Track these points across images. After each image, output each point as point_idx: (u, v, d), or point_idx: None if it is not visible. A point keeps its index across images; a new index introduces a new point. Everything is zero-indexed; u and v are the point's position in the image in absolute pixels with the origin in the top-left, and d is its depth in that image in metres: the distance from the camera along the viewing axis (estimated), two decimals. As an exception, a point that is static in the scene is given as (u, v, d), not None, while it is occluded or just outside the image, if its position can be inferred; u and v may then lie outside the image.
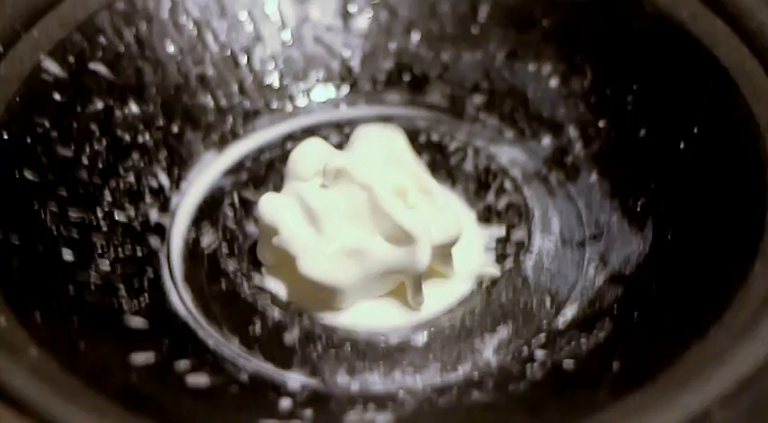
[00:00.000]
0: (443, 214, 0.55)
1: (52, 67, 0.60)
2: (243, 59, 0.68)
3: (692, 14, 0.60)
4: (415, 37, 0.70)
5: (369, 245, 0.54)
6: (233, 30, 0.68)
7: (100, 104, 0.62)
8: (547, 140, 0.66)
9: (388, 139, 0.58)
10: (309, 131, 0.66)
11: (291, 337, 0.54)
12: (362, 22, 0.70)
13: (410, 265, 0.54)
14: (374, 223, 0.55)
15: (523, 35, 0.68)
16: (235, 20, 0.68)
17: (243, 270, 0.58)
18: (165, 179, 0.62)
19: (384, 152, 0.57)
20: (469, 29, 0.69)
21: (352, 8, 0.70)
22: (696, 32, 0.60)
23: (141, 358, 0.50)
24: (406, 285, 0.55)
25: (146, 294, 0.55)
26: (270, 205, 0.56)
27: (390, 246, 0.54)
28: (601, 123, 0.64)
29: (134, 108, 0.63)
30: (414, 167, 0.57)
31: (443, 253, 0.56)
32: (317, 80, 0.70)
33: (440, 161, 0.64)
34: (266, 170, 0.63)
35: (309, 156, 0.57)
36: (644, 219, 0.58)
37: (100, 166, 0.60)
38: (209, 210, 0.62)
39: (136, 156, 0.62)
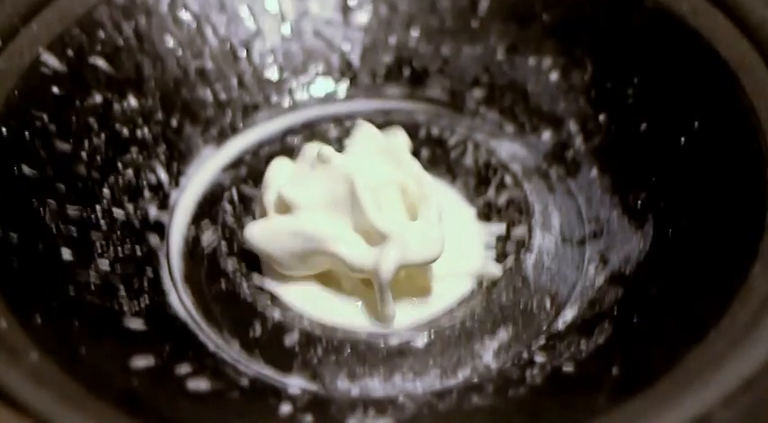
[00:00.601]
0: (430, 231, 0.55)
1: (51, 60, 0.60)
2: (242, 53, 0.68)
3: (693, 8, 0.60)
4: (415, 31, 0.69)
5: (327, 235, 0.55)
6: (232, 23, 0.68)
7: (99, 98, 0.62)
8: (547, 135, 0.66)
9: (390, 138, 0.58)
10: (309, 126, 0.67)
11: (291, 339, 0.54)
12: (362, 15, 0.70)
13: (374, 271, 0.54)
14: (352, 217, 0.55)
15: (523, 29, 0.68)
16: (234, 14, 0.68)
17: (242, 270, 0.58)
18: (163, 175, 0.62)
19: (383, 150, 0.57)
20: (469, 23, 0.69)
21: (352, 2, 0.70)
22: (696, 26, 0.60)
23: (142, 362, 0.50)
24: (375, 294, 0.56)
25: (145, 295, 0.55)
26: (277, 164, 0.59)
27: (358, 244, 0.55)
28: (601, 118, 0.64)
29: (133, 102, 0.63)
30: (411, 170, 0.57)
31: (420, 269, 0.56)
32: (317, 74, 0.69)
33: (440, 155, 0.64)
34: (266, 165, 0.62)
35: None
36: (644, 215, 0.58)
37: (99, 160, 0.60)
38: (208, 206, 0.62)
39: (135, 150, 0.62)
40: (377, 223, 0.54)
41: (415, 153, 0.60)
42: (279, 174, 0.58)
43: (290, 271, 0.57)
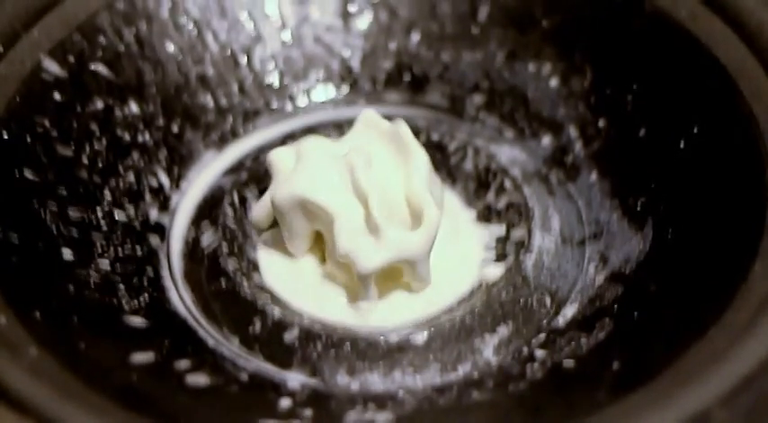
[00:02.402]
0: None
1: (52, 66, 0.60)
2: (243, 59, 0.68)
3: (692, 14, 0.60)
4: (415, 37, 0.70)
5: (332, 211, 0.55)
6: (233, 29, 0.68)
7: (100, 104, 0.62)
8: (547, 140, 0.66)
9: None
10: (309, 131, 0.66)
11: (291, 336, 0.54)
12: (362, 21, 0.70)
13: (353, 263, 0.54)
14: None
15: (523, 35, 0.68)
16: (235, 20, 0.68)
17: (243, 269, 0.58)
18: (164, 178, 0.63)
19: (391, 141, 0.57)
20: (469, 29, 0.69)
21: (352, 8, 0.70)
22: (695, 32, 0.60)
23: (141, 358, 0.50)
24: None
25: (145, 293, 0.55)
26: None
27: (355, 229, 0.55)
28: (601, 123, 0.64)
29: (134, 107, 0.63)
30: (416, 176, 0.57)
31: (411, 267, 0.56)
32: (317, 80, 0.70)
33: (440, 161, 0.64)
34: (266, 170, 0.62)
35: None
36: (644, 218, 0.58)
37: (100, 165, 0.60)
38: (209, 209, 0.62)
39: (136, 155, 0.62)
40: (377, 217, 0.54)
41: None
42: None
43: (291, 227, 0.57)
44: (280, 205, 0.56)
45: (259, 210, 0.60)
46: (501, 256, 0.59)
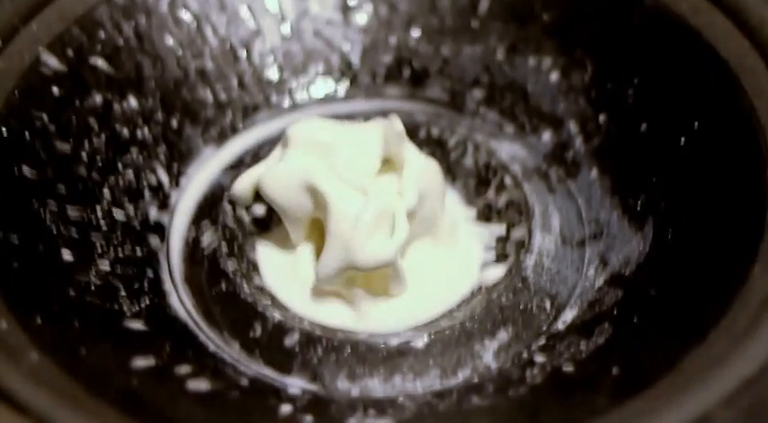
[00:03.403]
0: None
1: (51, 60, 0.59)
2: (242, 53, 0.68)
3: (693, 8, 0.60)
4: (415, 31, 0.69)
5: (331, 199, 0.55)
6: (232, 23, 0.68)
7: (99, 99, 0.62)
8: (547, 135, 0.66)
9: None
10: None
11: (291, 340, 0.54)
12: (362, 15, 0.70)
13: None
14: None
15: (524, 29, 0.68)
16: (234, 13, 0.68)
17: (242, 271, 0.58)
18: (164, 175, 0.63)
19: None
20: (469, 23, 0.69)
21: (352, 2, 0.70)
22: (697, 26, 0.60)
23: (142, 363, 0.50)
24: None
25: (146, 296, 0.55)
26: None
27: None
28: (601, 118, 0.64)
29: (133, 102, 0.63)
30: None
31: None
32: (317, 74, 0.69)
33: (440, 156, 0.63)
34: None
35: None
36: (644, 217, 0.58)
37: (99, 161, 0.60)
38: (208, 207, 0.62)
39: (135, 151, 0.62)
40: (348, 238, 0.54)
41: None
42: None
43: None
44: (275, 182, 0.56)
45: (242, 183, 0.59)
46: (501, 258, 0.59)
